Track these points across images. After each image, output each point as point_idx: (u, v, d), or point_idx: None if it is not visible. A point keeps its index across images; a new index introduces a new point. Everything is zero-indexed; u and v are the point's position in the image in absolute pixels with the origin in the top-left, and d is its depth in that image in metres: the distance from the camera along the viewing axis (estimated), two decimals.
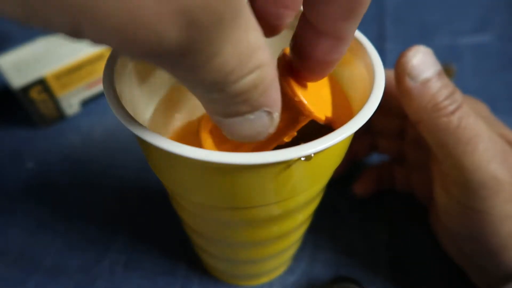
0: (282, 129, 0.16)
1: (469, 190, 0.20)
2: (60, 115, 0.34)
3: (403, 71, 0.20)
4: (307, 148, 0.14)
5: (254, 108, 0.12)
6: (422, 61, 0.19)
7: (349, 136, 0.15)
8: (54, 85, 0.32)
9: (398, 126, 0.26)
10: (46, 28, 0.09)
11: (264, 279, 0.26)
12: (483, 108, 0.24)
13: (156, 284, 0.26)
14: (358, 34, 0.19)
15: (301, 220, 0.21)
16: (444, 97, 0.19)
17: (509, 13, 0.41)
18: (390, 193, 0.29)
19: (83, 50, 0.32)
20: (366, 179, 0.28)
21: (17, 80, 0.31)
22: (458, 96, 0.20)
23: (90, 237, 0.28)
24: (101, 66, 0.33)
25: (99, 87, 0.34)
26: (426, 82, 0.19)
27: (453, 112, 0.19)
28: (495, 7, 0.42)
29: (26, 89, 0.31)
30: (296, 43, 0.15)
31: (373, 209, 0.29)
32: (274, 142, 0.17)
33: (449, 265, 0.26)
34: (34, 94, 0.31)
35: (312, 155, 0.14)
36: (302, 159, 0.14)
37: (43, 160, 0.32)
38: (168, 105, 0.22)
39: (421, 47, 0.20)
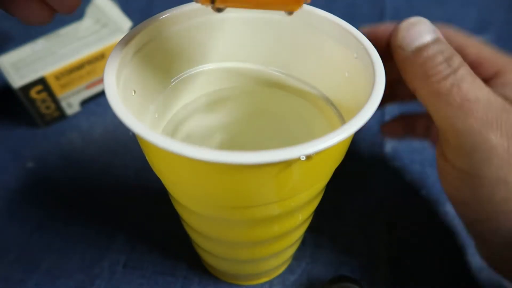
0: None
1: (462, 154, 0.20)
2: (60, 115, 0.34)
3: (394, 43, 0.20)
4: (307, 148, 0.14)
5: None
6: (413, 31, 0.20)
7: (349, 136, 0.15)
8: (54, 85, 0.32)
9: None
10: None
11: (264, 279, 0.26)
12: None
13: (156, 284, 0.26)
14: (358, 34, 0.19)
15: (301, 219, 0.21)
16: (436, 63, 0.19)
17: (509, 13, 0.41)
18: (390, 193, 0.29)
19: (83, 50, 0.32)
20: (394, 123, 0.29)
21: (17, 80, 0.31)
22: (455, 61, 0.20)
23: (90, 237, 0.28)
24: (101, 66, 0.33)
25: (99, 87, 0.34)
26: (418, 51, 0.20)
27: (445, 78, 0.19)
28: (495, 7, 0.42)
29: (26, 88, 0.31)
30: None
31: (373, 209, 0.29)
32: None
33: (449, 265, 0.26)
34: (34, 93, 0.31)
35: (313, 154, 0.14)
36: (303, 158, 0.14)
37: (43, 160, 0.32)
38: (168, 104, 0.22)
39: (413, 18, 0.20)
